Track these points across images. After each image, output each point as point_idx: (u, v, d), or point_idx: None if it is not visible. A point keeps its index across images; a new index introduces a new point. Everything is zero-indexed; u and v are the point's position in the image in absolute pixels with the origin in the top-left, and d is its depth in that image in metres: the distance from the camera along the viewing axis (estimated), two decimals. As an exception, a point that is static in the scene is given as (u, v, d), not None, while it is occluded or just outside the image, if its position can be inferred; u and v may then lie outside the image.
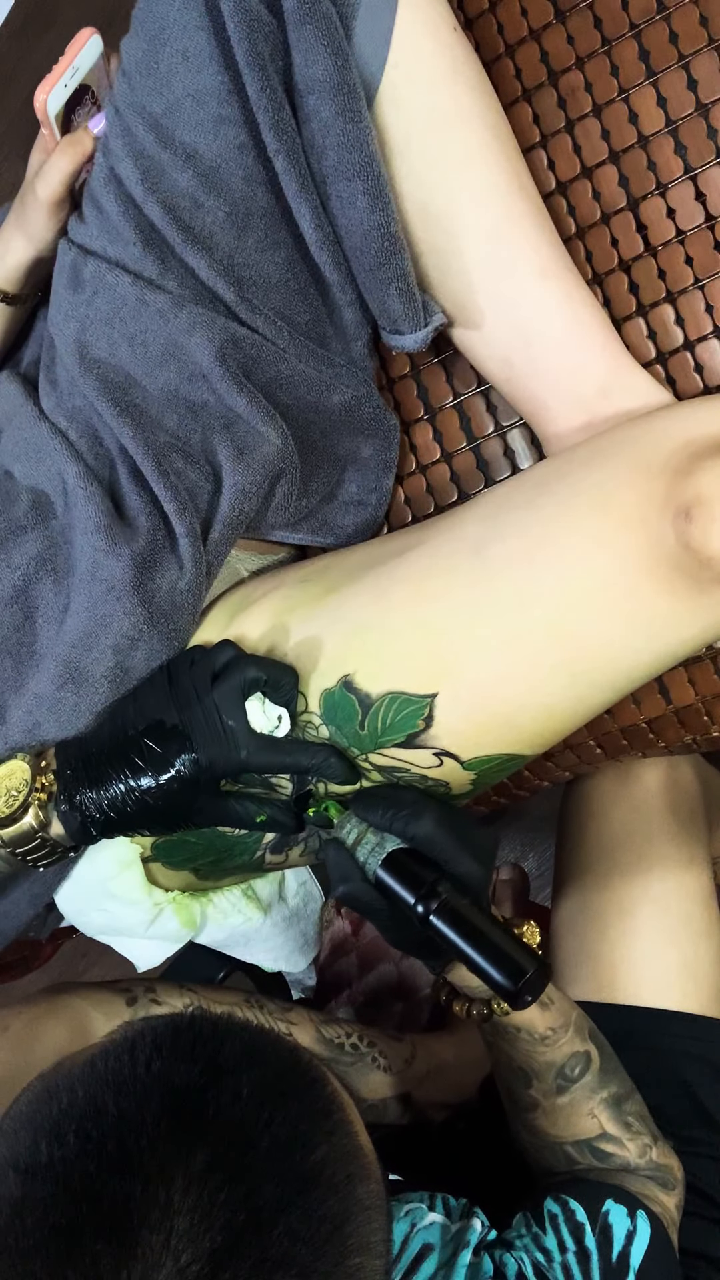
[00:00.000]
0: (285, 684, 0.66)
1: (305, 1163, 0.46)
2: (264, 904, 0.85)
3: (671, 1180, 0.73)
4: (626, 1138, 0.72)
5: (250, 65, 0.67)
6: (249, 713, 0.65)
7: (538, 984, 0.60)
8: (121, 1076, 0.47)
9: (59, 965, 1.25)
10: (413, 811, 0.63)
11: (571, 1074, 0.71)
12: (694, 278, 0.75)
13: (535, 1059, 0.70)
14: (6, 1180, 0.44)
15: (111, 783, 0.65)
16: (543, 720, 0.66)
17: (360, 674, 0.66)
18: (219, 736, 0.64)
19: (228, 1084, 0.47)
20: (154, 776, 0.64)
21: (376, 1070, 0.88)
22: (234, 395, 0.71)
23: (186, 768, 0.64)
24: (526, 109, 0.78)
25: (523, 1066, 0.71)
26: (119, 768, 0.65)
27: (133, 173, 0.70)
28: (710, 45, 0.73)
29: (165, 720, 0.66)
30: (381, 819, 0.64)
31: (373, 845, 0.64)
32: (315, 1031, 0.86)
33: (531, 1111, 0.73)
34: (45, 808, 0.65)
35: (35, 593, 0.71)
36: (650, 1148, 0.73)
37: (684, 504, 0.59)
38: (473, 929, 0.60)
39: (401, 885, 0.62)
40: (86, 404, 0.73)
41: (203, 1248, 0.42)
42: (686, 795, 0.94)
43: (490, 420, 0.82)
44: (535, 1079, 0.71)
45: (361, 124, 0.69)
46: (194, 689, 0.66)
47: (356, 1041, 0.88)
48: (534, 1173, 0.77)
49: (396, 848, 0.63)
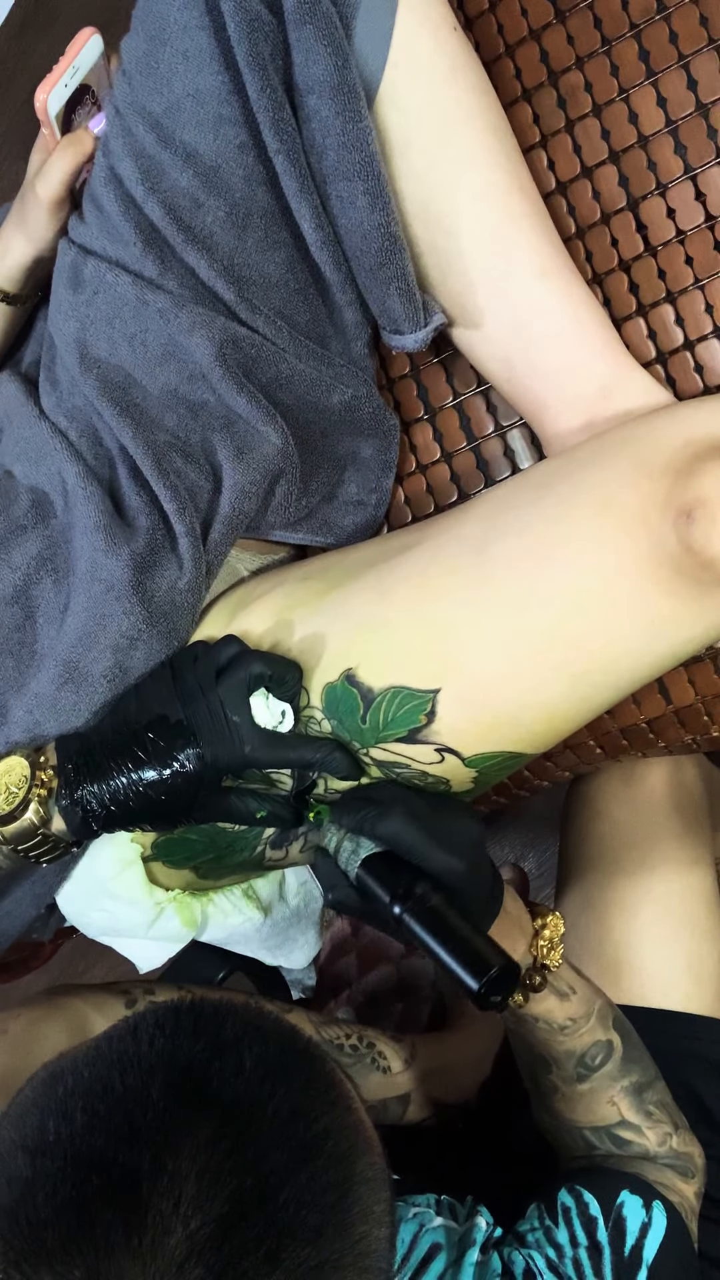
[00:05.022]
0: (289, 679, 0.66)
1: (308, 1133, 0.47)
2: (264, 904, 0.85)
3: (692, 1168, 0.73)
4: (646, 1126, 0.72)
5: (250, 65, 0.67)
6: (253, 708, 0.65)
7: (504, 984, 0.59)
8: (126, 1056, 0.48)
9: (59, 965, 1.25)
10: (379, 811, 0.63)
11: (592, 1063, 0.71)
12: (694, 278, 0.75)
13: (554, 1047, 0.70)
14: (16, 1160, 0.45)
15: (113, 776, 0.65)
16: (545, 719, 0.66)
17: (363, 668, 0.66)
18: (223, 731, 0.64)
19: (230, 1059, 0.48)
20: (158, 770, 0.64)
21: (376, 1071, 0.88)
22: (234, 395, 0.71)
23: (190, 762, 0.64)
24: (526, 109, 0.78)
25: (543, 1054, 0.71)
26: (121, 761, 0.65)
27: (133, 172, 0.70)
28: (710, 45, 0.73)
29: (169, 715, 0.66)
30: (353, 822, 0.64)
31: (350, 850, 0.64)
32: (314, 1033, 0.86)
33: (551, 1096, 0.73)
34: (46, 803, 0.65)
35: (35, 592, 0.71)
36: (671, 1135, 0.73)
37: (685, 505, 0.59)
38: (442, 928, 0.60)
39: (379, 887, 0.62)
40: (87, 403, 0.73)
41: (211, 1213, 0.43)
42: (691, 795, 0.94)
43: (490, 420, 0.82)
44: (555, 1066, 0.71)
45: (361, 124, 0.69)
46: (198, 684, 0.66)
47: (356, 1043, 0.88)
48: (553, 1149, 0.77)
49: (372, 851, 0.63)
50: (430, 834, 0.62)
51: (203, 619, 0.75)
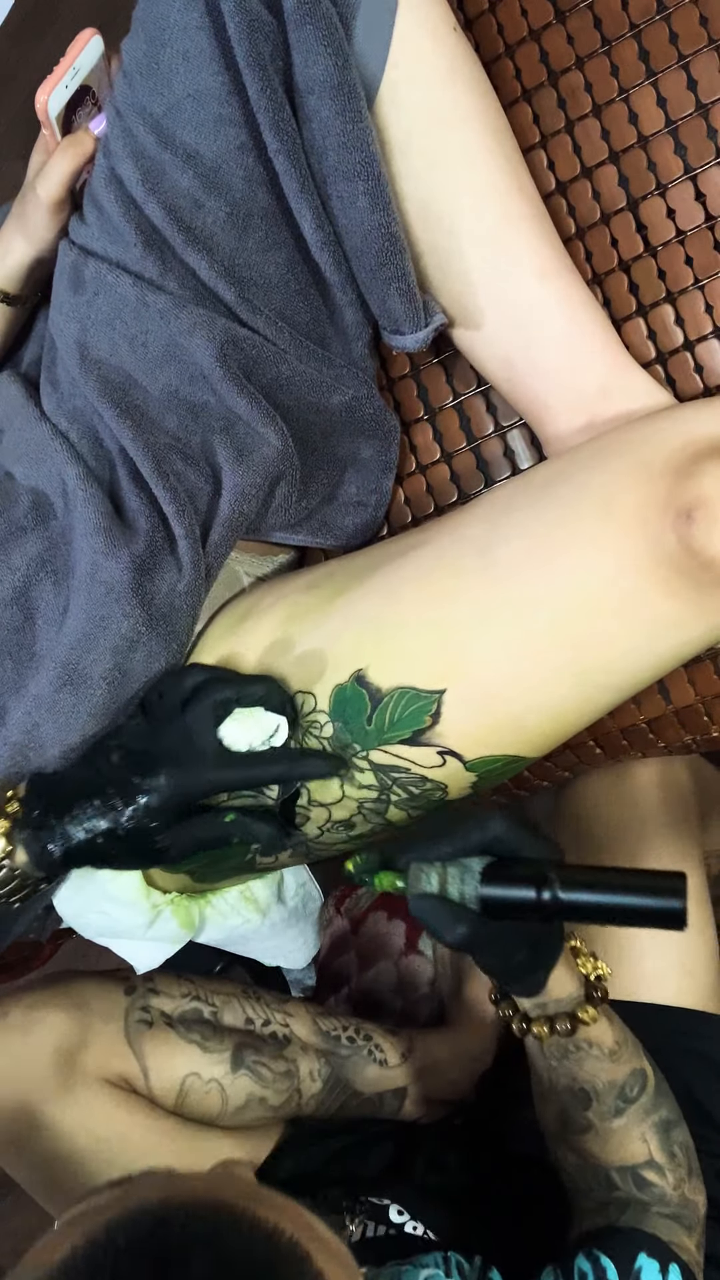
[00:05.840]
0: (254, 694, 0.66)
1: None
2: (262, 906, 0.85)
3: (695, 1220, 0.71)
4: (669, 1167, 0.71)
5: (250, 66, 0.67)
6: (225, 733, 0.65)
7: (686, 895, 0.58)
8: None
9: (58, 965, 1.24)
10: (476, 821, 0.61)
11: (630, 1093, 0.70)
12: (694, 278, 0.75)
13: (600, 1077, 0.69)
14: None
15: (79, 810, 0.65)
16: (548, 722, 0.66)
17: (373, 668, 0.66)
18: (187, 759, 0.64)
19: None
20: (122, 803, 0.64)
21: (373, 1064, 0.88)
22: (234, 396, 0.71)
23: (155, 795, 0.64)
24: (526, 109, 0.78)
25: (585, 1087, 0.69)
26: (87, 796, 0.65)
27: (133, 173, 0.70)
28: (710, 45, 0.73)
29: (133, 748, 0.66)
30: (454, 846, 0.61)
31: (458, 876, 0.60)
32: (312, 1023, 0.86)
33: (584, 1134, 0.71)
34: (10, 835, 0.65)
35: (35, 594, 0.71)
36: (684, 1181, 0.72)
37: (685, 506, 0.59)
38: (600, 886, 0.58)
39: (514, 890, 0.59)
40: (87, 405, 0.73)
41: None
42: (679, 792, 0.94)
43: (490, 420, 0.82)
44: (596, 1100, 0.70)
45: (362, 124, 0.69)
46: (164, 715, 0.66)
47: (353, 1034, 0.88)
48: (568, 1191, 0.75)
49: (481, 865, 0.61)
50: (523, 822, 0.61)
51: (207, 629, 0.75)
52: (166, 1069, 0.79)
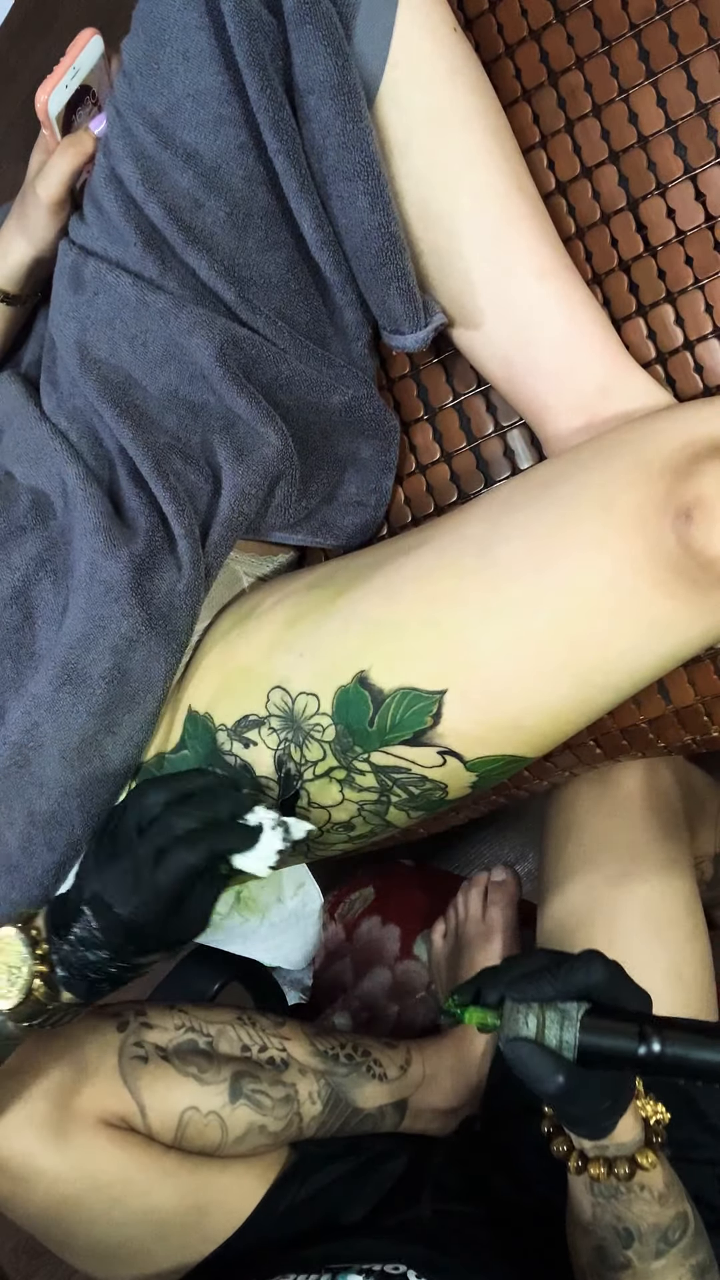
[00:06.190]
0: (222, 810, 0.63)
1: None
2: (260, 908, 0.85)
3: None
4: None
5: (250, 65, 0.67)
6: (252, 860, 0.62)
7: None
8: None
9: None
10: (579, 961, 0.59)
11: (673, 1237, 0.68)
12: (694, 278, 0.75)
13: (646, 1219, 0.67)
14: None
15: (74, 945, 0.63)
16: (548, 721, 0.66)
17: (375, 669, 0.66)
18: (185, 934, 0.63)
19: None
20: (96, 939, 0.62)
21: (371, 1079, 0.87)
22: (234, 396, 0.71)
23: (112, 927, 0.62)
24: (526, 109, 0.78)
25: (630, 1227, 0.68)
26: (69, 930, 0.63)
27: (133, 173, 0.70)
28: (710, 45, 0.73)
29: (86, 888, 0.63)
30: (554, 988, 0.58)
31: (556, 1021, 0.58)
32: (309, 1045, 0.85)
33: (621, 1271, 0.69)
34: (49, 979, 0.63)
35: (35, 593, 0.71)
36: None
37: (684, 506, 0.59)
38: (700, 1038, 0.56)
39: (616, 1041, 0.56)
40: (87, 405, 0.73)
41: None
42: (666, 798, 0.94)
43: (490, 420, 0.82)
44: (638, 1240, 0.68)
45: (362, 124, 0.69)
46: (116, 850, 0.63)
47: (351, 1052, 0.87)
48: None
49: (580, 1011, 0.58)
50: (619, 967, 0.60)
51: (208, 630, 0.75)
52: (164, 1105, 0.77)
